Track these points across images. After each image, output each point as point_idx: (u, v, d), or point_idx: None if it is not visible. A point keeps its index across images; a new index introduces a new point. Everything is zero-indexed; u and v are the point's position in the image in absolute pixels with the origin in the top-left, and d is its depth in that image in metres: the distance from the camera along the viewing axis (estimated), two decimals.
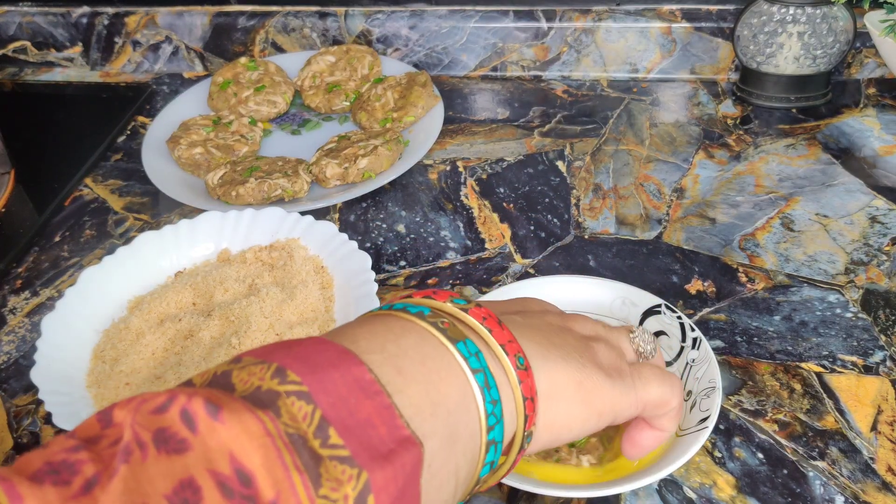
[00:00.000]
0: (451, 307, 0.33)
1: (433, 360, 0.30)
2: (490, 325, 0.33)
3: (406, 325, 0.32)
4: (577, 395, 0.35)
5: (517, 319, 0.37)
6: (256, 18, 0.92)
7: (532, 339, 0.35)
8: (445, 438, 0.29)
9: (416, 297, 0.34)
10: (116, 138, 0.84)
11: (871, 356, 0.54)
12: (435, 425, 0.29)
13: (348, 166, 0.71)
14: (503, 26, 0.87)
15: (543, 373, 0.34)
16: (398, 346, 0.30)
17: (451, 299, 0.34)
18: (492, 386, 0.31)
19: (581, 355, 0.36)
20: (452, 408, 0.30)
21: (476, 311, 0.33)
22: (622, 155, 0.75)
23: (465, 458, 0.30)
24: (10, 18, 0.96)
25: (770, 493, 0.46)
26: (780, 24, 0.76)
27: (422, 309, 0.33)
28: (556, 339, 0.36)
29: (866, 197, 0.68)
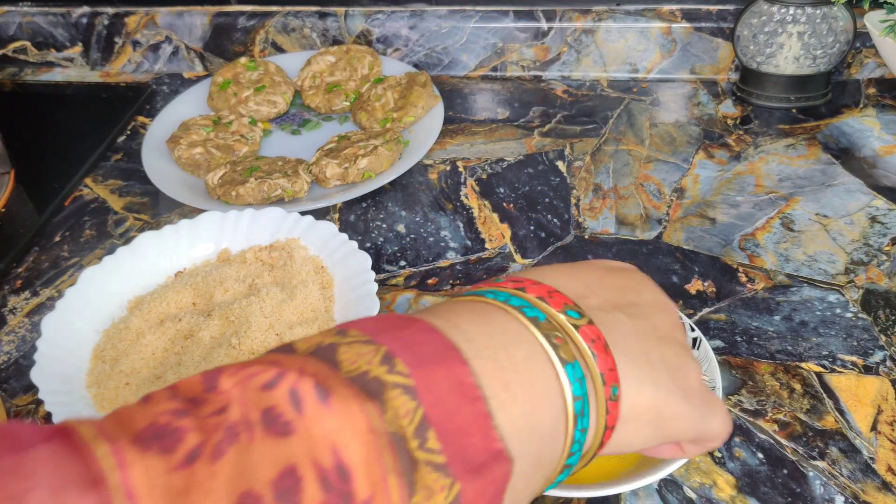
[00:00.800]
0: (564, 320, 0.31)
1: (541, 382, 0.29)
2: (597, 350, 0.31)
3: (521, 331, 0.30)
4: (654, 420, 0.33)
5: (623, 321, 0.34)
6: (256, 18, 0.92)
7: (630, 354, 0.33)
8: (532, 462, 0.28)
9: (529, 293, 0.32)
10: (116, 138, 0.84)
11: (871, 356, 0.54)
12: (529, 448, 0.28)
13: (348, 166, 0.71)
14: (503, 26, 0.87)
15: (629, 398, 0.32)
16: (510, 359, 0.29)
17: (566, 309, 0.31)
18: (585, 415, 0.30)
19: (672, 379, 0.34)
20: (545, 433, 0.29)
21: (586, 330, 0.31)
22: (622, 155, 0.75)
23: (544, 479, 0.30)
24: (10, 18, 0.96)
25: (770, 493, 0.46)
26: (780, 24, 0.76)
27: (538, 314, 0.31)
28: (655, 354, 0.34)
29: (866, 197, 0.68)
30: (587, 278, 0.36)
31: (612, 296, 0.36)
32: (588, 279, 0.36)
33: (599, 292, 0.35)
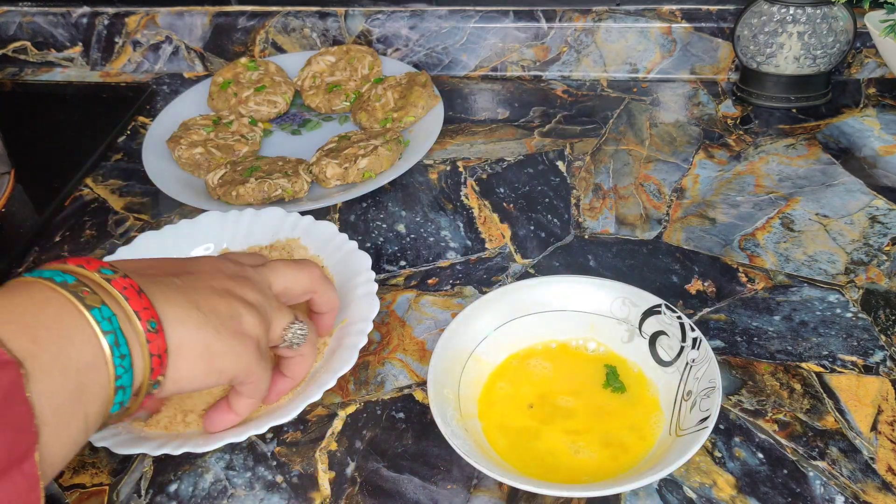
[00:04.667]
0: (97, 277, 0.38)
1: (70, 328, 0.36)
2: (128, 294, 0.38)
3: (48, 295, 0.36)
4: (203, 356, 0.41)
5: (174, 282, 0.42)
6: (256, 18, 0.92)
7: (176, 302, 0.40)
8: (74, 390, 0.35)
9: (69, 265, 0.39)
10: (116, 138, 0.84)
11: (871, 356, 0.54)
12: (65, 382, 0.35)
13: (348, 166, 0.71)
14: (503, 26, 0.87)
15: (176, 335, 0.40)
16: (36, 318, 0.35)
17: (101, 269, 0.39)
18: (122, 343, 0.37)
19: (222, 322, 0.42)
20: (82, 365, 0.35)
21: (119, 281, 0.38)
22: (622, 155, 0.75)
23: (96, 402, 0.36)
24: (10, 18, 0.96)
25: (770, 493, 0.46)
26: (780, 24, 0.76)
27: (67, 278, 0.37)
28: (205, 304, 0.42)
29: (866, 197, 0.68)
30: (150, 261, 0.44)
31: (169, 269, 0.43)
32: (151, 262, 0.44)
33: (157, 268, 0.43)
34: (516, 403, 0.51)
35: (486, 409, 0.50)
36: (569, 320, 0.54)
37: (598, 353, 0.53)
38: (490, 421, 0.49)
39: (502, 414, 0.50)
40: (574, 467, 0.47)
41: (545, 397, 0.51)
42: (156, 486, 0.49)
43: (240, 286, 0.45)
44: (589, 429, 0.49)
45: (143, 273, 0.41)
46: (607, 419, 0.49)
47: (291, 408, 0.49)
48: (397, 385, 0.54)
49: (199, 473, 0.49)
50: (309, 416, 0.52)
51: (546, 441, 0.48)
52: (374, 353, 0.56)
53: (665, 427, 0.48)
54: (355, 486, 0.48)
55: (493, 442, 0.48)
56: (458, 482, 0.47)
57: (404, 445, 0.50)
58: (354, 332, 0.54)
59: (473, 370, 0.52)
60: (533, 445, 0.48)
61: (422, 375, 0.55)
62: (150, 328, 0.38)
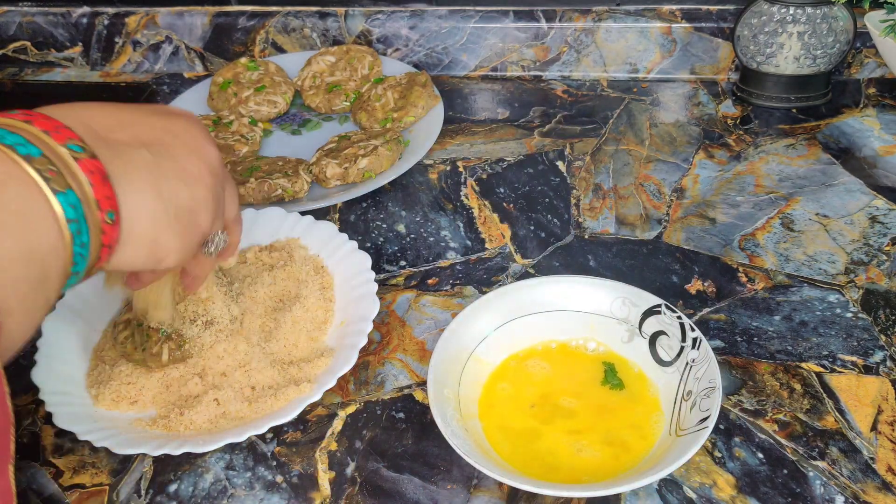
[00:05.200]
0: (65, 153, 0.35)
1: (34, 212, 0.34)
2: (94, 181, 0.35)
3: (13, 169, 0.33)
4: (149, 247, 0.39)
5: (144, 157, 0.39)
6: (256, 18, 0.92)
7: (139, 188, 0.38)
8: (36, 278, 0.34)
9: (35, 126, 0.36)
10: None
11: (871, 356, 0.54)
12: (29, 271, 0.33)
13: (348, 166, 0.71)
14: (503, 26, 0.87)
15: (128, 225, 0.38)
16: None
17: (69, 143, 0.35)
18: (84, 233, 0.35)
19: (178, 215, 0.40)
20: (45, 253, 0.34)
21: (86, 162, 0.35)
22: (622, 155, 0.75)
23: (54, 287, 0.35)
24: (10, 18, 0.96)
25: (770, 493, 0.46)
26: (780, 24, 0.76)
27: (32, 151, 0.34)
28: (168, 189, 0.39)
29: (866, 197, 0.68)
30: (126, 115, 0.40)
31: (145, 133, 0.40)
32: (127, 116, 0.40)
33: (133, 129, 0.40)
34: (517, 403, 0.51)
35: (486, 410, 0.50)
36: (569, 320, 0.54)
37: (597, 352, 0.53)
38: (490, 421, 0.49)
39: (503, 414, 0.50)
40: (575, 467, 0.47)
41: (546, 397, 0.51)
42: (156, 486, 0.49)
43: (209, 173, 0.42)
44: (590, 427, 0.49)
45: (113, 138, 0.38)
46: (608, 417, 0.49)
47: (291, 408, 0.49)
48: (397, 385, 0.54)
49: (199, 473, 0.49)
50: (309, 416, 0.52)
51: (547, 441, 0.48)
52: (374, 353, 0.56)
53: (665, 427, 0.48)
54: (355, 486, 0.48)
55: (493, 442, 0.48)
56: (458, 482, 0.47)
57: (404, 445, 0.50)
58: (354, 332, 0.54)
59: (473, 370, 0.52)
60: (534, 446, 0.48)
61: (422, 375, 0.55)
62: (109, 219, 0.36)
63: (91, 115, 0.39)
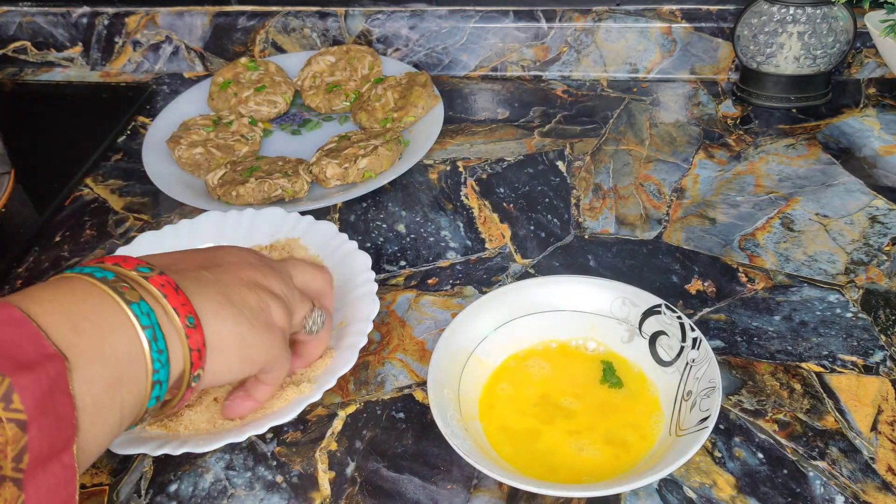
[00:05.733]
0: (135, 275, 0.39)
1: (110, 320, 0.37)
2: (166, 292, 0.39)
3: (89, 289, 0.37)
4: (239, 348, 0.43)
5: (206, 276, 0.43)
6: (256, 18, 0.92)
7: (211, 297, 0.42)
8: (112, 380, 0.36)
9: (107, 263, 0.40)
10: (116, 138, 0.84)
11: (871, 356, 0.54)
12: (104, 372, 0.35)
13: (348, 166, 0.71)
14: (503, 26, 0.87)
15: (213, 329, 0.41)
16: (77, 309, 0.36)
17: (138, 267, 0.40)
18: (159, 338, 0.38)
19: (254, 316, 0.43)
20: (121, 357, 0.36)
21: (156, 279, 0.39)
22: (622, 155, 0.75)
23: (132, 394, 0.37)
24: (10, 18, 0.96)
25: (770, 493, 0.46)
26: (780, 24, 0.76)
27: (107, 274, 0.38)
28: (236, 296, 0.43)
29: (866, 197, 0.68)
30: (178, 255, 0.45)
31: (198, 262, 0.44)
32: (179, 256, 0.45)
33: (187, 259, 0.44)
34: (517, 404, 0.51)
35: (486, 410, 0.50)
36: (569, 320, 0.54)
37: (597, 352, 0.53)
38: (491, 421, 0.49)
39: (503, 415, 0.50)
40: (575, 467, 0.47)
41: (546, 397, 0.51)
42: (156, 486, 0.49)
43: (266, 277, 0.46)
44: (591, 427, 0.49)
45: (175, 268, 0.42)
46: (609, 416, 0.49)
47: (291, 408, 0.49)
48: (397, 385, 0.54)
49: (199, 473, 0.49)
50: (309, 416, 0.52)
51: (548, 441, 0.48)
52: (374, 353, 0.56)
53: (665, 427, 0.48)
54: (355, 486, 0.48)
55: (493, 442, 0.48)
56: (458, 482, 0.47)
57: (404, 445, 0.50)
58: (354, 332, 0.54)
59: (474, 370, 0.52)
60: (534, 446, 0.48)
61: (422, 375, 0.55)
62: (189, 324, 0.39)
63: (154, 258, 0.44)
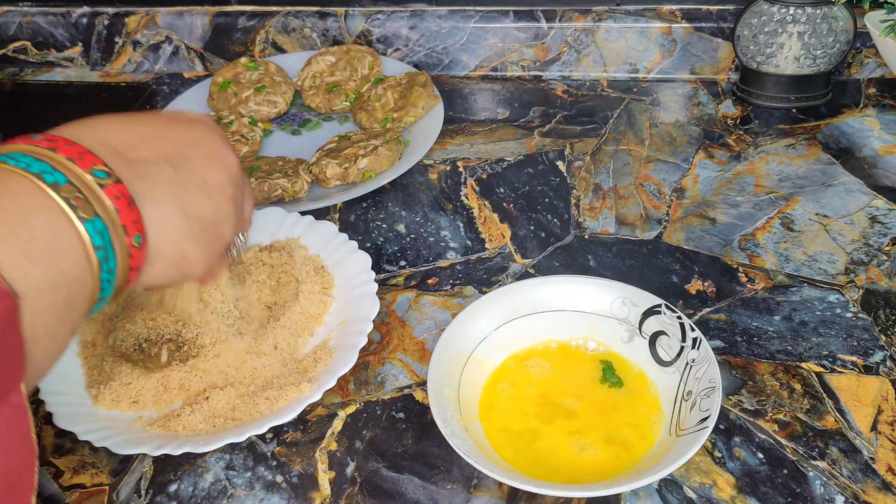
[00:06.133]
0: (90, 180, 0.35)
1: (62, 241, 0.34)
2: (120, 206, 0.36)
3: (40, 199, 0.34)
4: (177, 263, 0.40)
5: (167, 173, 0.39)
6: (256, 18, 0.92)
7: (164, 204, 0.39)
8: (62, 306, 0.34)
9: (59, 153, 0.35)
10: None
11: (871, 356, 0.54)
12: (55, 300, 0.33)
13: (348, 166, 0.71)
14: (503, 26, 0.87)
15: (156, 245, 0.38)
16: (28, 226, 0.33)
17: (94, 170, 0.35)
18: (111, 259, 0.36)
19: (202, 229, 0.41)
20: (72, 281, 0.34)
21: (112, 188, 0.36)
22: (622, 155, 0.75)
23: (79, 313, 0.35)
24: (10, 18, 0.96)
25: (770, 493, 0.46)
26: (780, 24, 0.76)
27: (59, 178, 0.34)
28: (192, 205, 0.40)
29: (866, 197, 0.68)
30: (146, 129, 0.40)
31: (166, 147, 0.40)
32: (146, 130, 0.40)
33: (154, 143, 0.40)
34: (518, 404, 0.51)
35: (486, 410, 0.50)
36: (569, 320, 0.54)
37: (597, 352, 0.53)
38: (491, 422, 0.49)
39: (503, 415, 0.50)
40: (575, 467, 0.47)
41: (546, 397, 0.51)
42: (156, 486, 0.49)
43: (230, 182, 0.43)
44: (591, 427, 0.49)
45: (137, 154, 0.39)
46: (609, 415, 0.49)
47: (291, 408, 0.49)
48: (397, 385, 0.54)
49: (199, 473, 0.49)
50: (309, 416, 0.52)
51: (548, 441, 0.48)
52: (374, 353, 0.56)
53: (665, 427, 0.48)
54: (355, 486, 0.48)
55: (493, 442, 0.48)
56: (458, 482, 0.47)
57: (404, 445, 0.50)
58: (354, 332, 0.54)
59: (474, 370, 0.52)
60: (534, 446, 0.48)
61: (422, 375, 0.55)
62: (136, 243, 0.37)
63: (112, 133, 0.39)
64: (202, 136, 0.43)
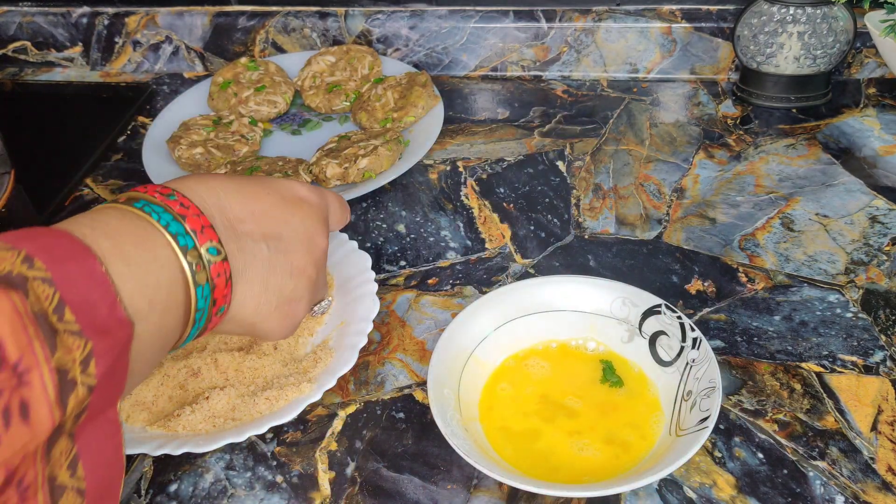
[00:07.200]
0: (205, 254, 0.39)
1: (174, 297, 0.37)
2: (218, 283, 0.40)
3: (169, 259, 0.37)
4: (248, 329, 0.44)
5: (262, 252, 0.43)
6: (257, 18, 0.92)
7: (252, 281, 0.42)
8: (160, 347, 0.37)
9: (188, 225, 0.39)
10: (117, 138, 0.84)
11: (871, 356, 0.54)
12: (157, 341, 0.37)
13: (348, 166, 0.71)
14: (503, 26, 0.87)
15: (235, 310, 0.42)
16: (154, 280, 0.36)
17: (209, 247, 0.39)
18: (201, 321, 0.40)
19: (277, 307, 0.44)
20: (170, 330, 0.38)
21: (217, 266, 0.40)
22: (622, 155, 0.75)
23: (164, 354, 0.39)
24: (10, 18, 0.96)
25: (770, 493, 0.46)
26: (780, 24, 0.76)
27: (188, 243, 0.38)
28: (275, 283, 0.44)
29: (866, 197, 0.68)
30: (257, 206, 0.44)
31: (269, 226, 0.44)
32: (257, 207, 0.44)
33: (260, 221, 0.44)
34: (518, 404, 0.51)
35: (486, 410, 0.50)
36: (569, 320, 0.54)
37: (597, 352, 0.53)
38: (491, 422, 0.49)
39: (503, 415, 0.50)
40: (575, 467, 0.47)
41: (546, 397, 0.51)
42: (156, 486, 0.49)
43: (314, 267, 0.46)
44: (591, 427, 0.49)
45: (243, 229, 0.42)
46: (609, 415, 0.49)
47: (291, 408, 0.49)
48: (397, 385, 0.54)
49: (199, 473, 0.49)
50: (309, 416, 0.52)
51: (548, 441, 0.48)
52: (374, 353, 0.57)
53: (665, 427, 0.48)
54: (355, 486, 0.48)
55: (493, 442, 0.48)
56: (458, 482, 0.47)
57: (404, 445, 0.50)
58: (354, 332, 0.54)
59: (474, 370, 0.52)
60: (534, 446, 0.48)
61: (422, 375, 0.55)
62: (219, 313, 0.41)
63: (228, 203, 0.42)
64: (302, 219, 0.46)
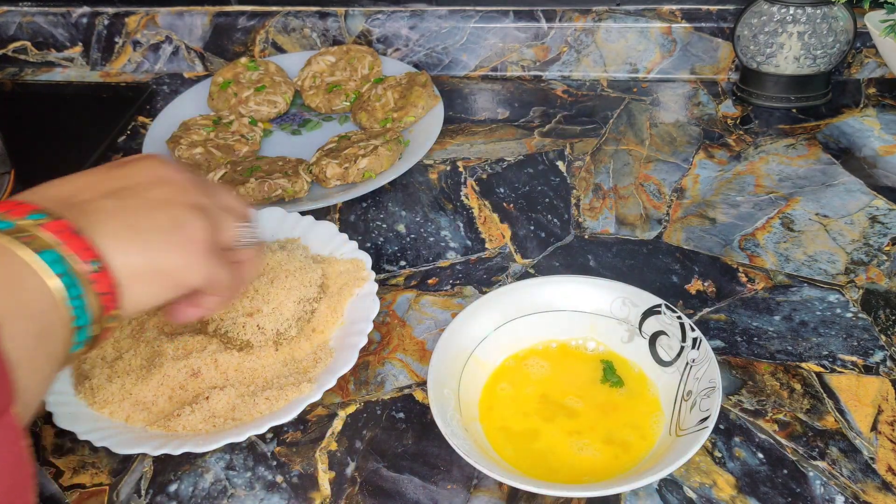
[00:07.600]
0: (29, 224, 0.37)
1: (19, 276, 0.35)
2: (64, 238, 0.37)
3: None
4: (156, 277, 0.40)
5: (108, 206, 0.40)
6: (257, 18, 0.92)
7: (114, 231, 0.39)
8: (38, 332, 0.35)
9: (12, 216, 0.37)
10: (117, 138, 0.84)
11: (871, 356, 0.54)
12: (29, 325, 0.34)
13: (348, 166, 0.71)
14: (503, 26, 0.87)
15: (121, 264, 0.39)
16: None
17: (30, 214, 0.37)
18: (75, 285, 0.36)
19: (166, 237, 0.41)
20: (42, 309, 0.35)
21: (51, 225, 0.37)
22: (622, 155, 0.75)
23: (59, 343, 0.36)
24: (10, 18, 0.96)
25: (770, 493, 0.46)
26: (780, 24, 0.76)
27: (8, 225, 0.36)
28: (145, 222, 0.40)
29: (866, 197, 0.68)
30: (85, 179, 0.42)
31: (103, 187, 0.41)
32: (86, 179, 0.42)
33: (95, 187, 0.41)
34: (518, 404, 0.51)
35: (486, 410, 0.50)
36: (569, 320, 0.54)
37: (597, 352, 0.53)
38: (491, 421, 0.49)
39: (503, 415, 0.50)
40: (575, 467, 0.47)
41: (546, 397, 0.51)
42: (156, 486, 0.49)
43: (181, 192, 0.43)
44: (591, 427, 0.49)
45: (76, 199, 0.40)
46: (609, 415, 0.49)
47: (291, 408, 0.49)
48: (397, 385, 0.54)
49: (199, 473, 0.49)
50: (309, 416, 0.52)
51: (548, 441, 0.48)
52: (374, 353, 0.57)
53: (665, 427, 0.48)
54: (355, 486, 0.48)
55: (493, 442, 0.48)
56: (458, 482, 0.47)
57: (404, 445, 0.50)
58: (354, 332, 0.54)
59: (474, 370, 0.52)
60: (534, 446, 0.48)
61: (422, 375, 0.55)
62: (94, 268, 0.37)
63: (55, 189, 0.41)
64: (139, 167, 0.44)
